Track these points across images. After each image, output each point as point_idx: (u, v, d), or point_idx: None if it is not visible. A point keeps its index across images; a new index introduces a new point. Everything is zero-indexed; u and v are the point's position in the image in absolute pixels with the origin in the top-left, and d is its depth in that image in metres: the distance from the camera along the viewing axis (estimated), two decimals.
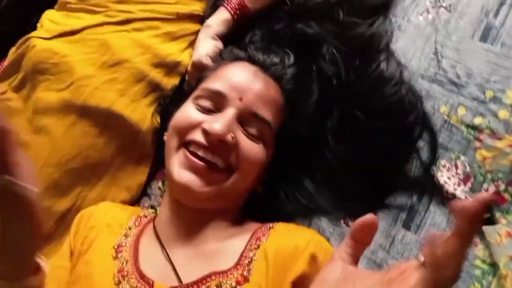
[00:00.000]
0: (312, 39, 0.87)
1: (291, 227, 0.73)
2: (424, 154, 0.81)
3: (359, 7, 0.89)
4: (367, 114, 0.81)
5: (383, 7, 0.92)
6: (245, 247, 0.67)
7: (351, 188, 0.81)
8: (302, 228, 0.76)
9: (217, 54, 0.88)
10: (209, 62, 0.85)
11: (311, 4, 0.91)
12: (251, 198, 0.79)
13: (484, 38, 0.85)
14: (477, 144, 0.79)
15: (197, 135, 0.70)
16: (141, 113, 0.89)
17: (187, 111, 0.73)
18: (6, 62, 0.97)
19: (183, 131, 0.71)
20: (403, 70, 0.86)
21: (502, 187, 0.76)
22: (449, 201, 0.78)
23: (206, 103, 0.73)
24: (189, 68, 0.90)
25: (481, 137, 0.79)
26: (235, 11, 0.91)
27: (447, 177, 0.79)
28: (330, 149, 0.82)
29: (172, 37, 0.94)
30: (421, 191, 0.81)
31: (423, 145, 0.82)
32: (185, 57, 0.93)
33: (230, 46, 0.88)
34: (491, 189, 0.77)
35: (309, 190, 0.82)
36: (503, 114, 0.79)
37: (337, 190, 0.82)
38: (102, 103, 0.87)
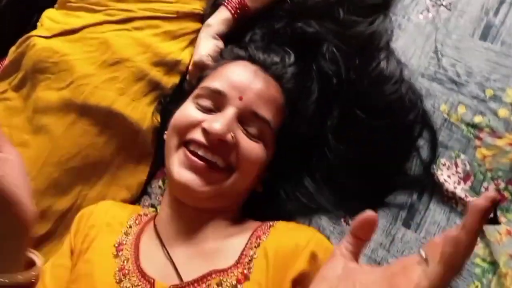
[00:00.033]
0: (312, 38, 0.87)
1: (291, 226, 0.73)
2: (424, 153, 0.82)
3: (359, 6, 0.89)
4: (367, 113, 0.81)
5: (383, 6, 0.92)
6: (246, 246, 0.67)
7: (351, 187, 0.81)
8: (302, 227, 0.76)
9: (218, 54, 0.88)
10: (210, 62, 0.85)
11: (311, 3, 0.91)
12: (251, 198, 0.79)
13: (484, 37, 0.85)
14: (477, 143, 0.79)
15: (197, 135, 0.70)
16: (141, 112, 0.89)
17: (187, 110, 0.73)
18: (6, 61, 0.96)
19: (183, 130, 0.71)
20: (403, 69, 0.86)
21: (502, 186, 0.76)
22: (449, 200, 0.79)
23: (206, 102, 0.73)
24: (190, 68, 0.90)
25: (481, 136, 0.79)
26: (236, 10, 0.91)
27: (447, 176, 0.79)
28: (330, 148, 0.82)
29: (172, 36, 0.94)
30: (421, 190, 0.81)
31: (423, 144, 0.82)
32: (185, 56, 0.93)
33: (231, 45, 0.88)
34: (491, 188, 0.77)
35: (309, 189, 0.82)
36: (503, 113, 0.79)
37: (337, 189, 0.82)
38: (102, 102, 0.87)
